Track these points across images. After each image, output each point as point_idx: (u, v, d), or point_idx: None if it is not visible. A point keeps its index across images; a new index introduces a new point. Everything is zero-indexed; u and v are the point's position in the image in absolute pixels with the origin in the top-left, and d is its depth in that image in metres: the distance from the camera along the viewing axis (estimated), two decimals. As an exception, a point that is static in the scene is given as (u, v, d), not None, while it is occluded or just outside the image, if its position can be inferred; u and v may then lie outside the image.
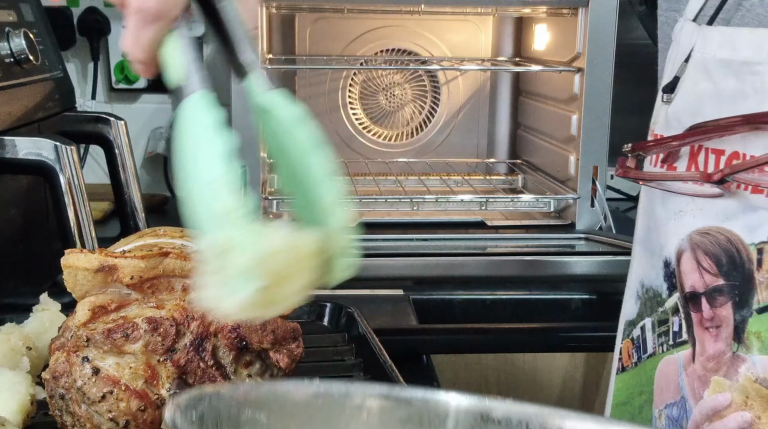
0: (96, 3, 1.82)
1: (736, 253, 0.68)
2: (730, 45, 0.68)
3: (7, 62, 1.15)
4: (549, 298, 1.40)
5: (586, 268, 1.40)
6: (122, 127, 1.31)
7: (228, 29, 0.58)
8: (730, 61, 0.68)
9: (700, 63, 0.71)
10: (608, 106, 1.51)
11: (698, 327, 0.71)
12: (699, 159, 0.70)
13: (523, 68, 1.76)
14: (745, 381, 0.67)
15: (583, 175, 1.53)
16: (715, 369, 0.70)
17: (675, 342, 0.74)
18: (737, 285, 0.68)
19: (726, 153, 0.68)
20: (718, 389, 0.69)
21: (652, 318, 0.77)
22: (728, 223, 0.68)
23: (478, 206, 1.63)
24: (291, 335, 0.74)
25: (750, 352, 0.67)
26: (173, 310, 0.68)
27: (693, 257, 0.71)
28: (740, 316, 0.67)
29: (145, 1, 0.53)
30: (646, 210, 0.80)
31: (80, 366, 0.67)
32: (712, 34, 0.70)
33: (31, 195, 1.22)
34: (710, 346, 0.70)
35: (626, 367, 0.81)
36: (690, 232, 0.72)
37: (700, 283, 0.71)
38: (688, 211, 0.72)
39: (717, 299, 0.69)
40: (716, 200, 0.69)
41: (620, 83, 1.52)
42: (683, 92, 0.73)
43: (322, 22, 1.81)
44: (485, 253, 1.45)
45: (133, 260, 0.69)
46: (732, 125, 0.66)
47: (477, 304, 1.37)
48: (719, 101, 0.69)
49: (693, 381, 0.72)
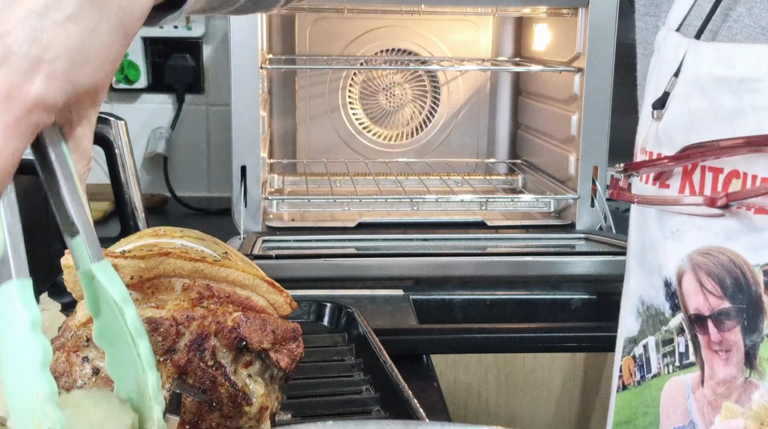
0: (96, 3, 1.81)
1: (741, 274, 0.65)
2: (726, 62, 0.66)
3: (7, 62, 1.15)
4: (549, 298, 1.40)
5: (586, 268, 1.40)
6: (122, 127, 1.31)
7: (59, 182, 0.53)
8: (727, 79, 0.66)
9: (693, 79, 0.69)
10: (608, 106, 1.51)
11: (706, 349, 0.69)
12: (694, 177, 0.68)
13: (523, 68, 1.76)
14: (759, 408, 0.65)
15: (583, 175, 1.54)
16: (726, 394, 0.67)
17: (682, 363, 0.72)
18: (744, 308, 0.65)
19: (725, 172, 0.66)
20: (729, 415, 0.67)
21: (656, 337, 0.75)
22: (730, 244, 0.66)
23: (478, 206, 1.63)
24: (291, 335, 0.73)
25: (763, 378, 0.65)
26: (173, 310, 0.68)
27: (695, 279, 0.69)
28: (750, 341, 0.65)
29: None
30: (639, 227, 0.77)
31: (80, 366, 0.67)
32: (705, 50, 0.68)
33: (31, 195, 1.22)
34: (720, 371, 0.68)
35: (627, 385, 0.79)
36: (690, 252, 0.69)
37: (704, 306, 0.68)
38: (686, 231, 0.70)
39: (725, 323, 0.67)
40: (716, 220, 0.67)
41: (620, 83, 1.52)
42: (674, 109, 0.70)
43: (322, 22, 1.81)
44: (485, 253, 1.45)
45: (133, 260, 0.68)
46: (733, 147, 0.64)
47: (477, 304, 1.37)
48: (716, 119, 0.67)
49: (702, 405, 0.70)
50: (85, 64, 0.49)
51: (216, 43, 1.89)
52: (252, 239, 1.43)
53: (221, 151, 1.89)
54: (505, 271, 1.39)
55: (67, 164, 0.53)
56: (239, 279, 0.72)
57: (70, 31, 0.48)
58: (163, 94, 1.90)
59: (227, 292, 0.71)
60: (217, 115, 1.92)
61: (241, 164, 1.46)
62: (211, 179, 1.95)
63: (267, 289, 0.73)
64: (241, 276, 0.72)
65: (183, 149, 1.93)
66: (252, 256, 1.33)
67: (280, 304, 0.74)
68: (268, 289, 0.73)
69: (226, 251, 0.77)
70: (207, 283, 0.70)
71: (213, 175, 1.95)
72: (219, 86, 1.89)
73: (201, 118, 1.93)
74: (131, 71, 1.85)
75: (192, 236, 0.77)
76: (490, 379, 1.28)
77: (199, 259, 0.70)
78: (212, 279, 0.71)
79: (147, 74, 1.87)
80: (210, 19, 1.87)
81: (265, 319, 0.71)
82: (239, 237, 1.45)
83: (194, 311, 0.68)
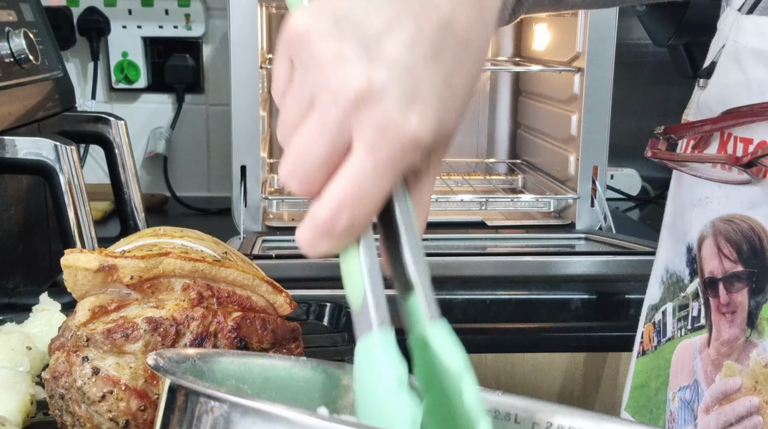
0: (96, 3, 1.82)
1: (758, 241, 0.68)
2: (763, 35, 0.68)
3: (7, 62, 1.15)
4: (549, 298, 1.39)
5: (586, 268, 1.40)
6: (122, 127, 1.31)
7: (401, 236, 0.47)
8: (762, 51, 0.67)
9: (732, 52, 0.70)
10: (608, 106, 1.51)
11: (715, 312, 0.72)
12: (728, 146, 0.70)
13: (523, 68, 1.76)
14: (755, 366, 0.67)
15: (583, 175, 1.54)
16: (728, 354, 0.70)
17: (693, 326, 0.74)
18: (755, 272, 0.68)
19: (754, 142, 0.68)
20: (729, 373, 0.70)
21: (674, 303, 0.77)
22: (752, 212, 0.68)
23: (478, 206, 1.63)
24: (291, 335, 0.74)
25: (762, 337, 0.67)
26: (173, 310, 0.68)
27: (714, 243, 0.71)
28: (755, 301, 0.68)
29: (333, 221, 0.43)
30: (674, 196, 0.80)
31: (80, 366, 0.67)
32: (746, 23, 0.70)
33: (31, 195, 1.22)
34: (725, 331, 0.70)
35: (647, 350, 0.81)
36: (714, 218, 0.72)
37: (719, 269, 0.71)
38: (714, 198, 0.72)
39: (734, 285, 0.69)
40: (742, 188, 0.69)
41: (620, 83, 1.53)
42: (715, 80, 0.72)
43: (322, 22, 1.81)
44: (485, 253, 1.45)
45: (133, 260, 0.68)
46: (766, 110, 0.66)
47: (477, 304, 1.37)
48: (749, 91, 0.68)
49: (707, 365, 0.72)
50: (450, 102, 0.45)
51: (216, 43, 1.89)
52: (252, 239, 1.43)
53: (221, 151, 1.89)
54: (505, 271, 1.39)
55: (411, 217, 0.48)
56: (239, 279, 0.72)
57: (437, 67, 0.45)
58: (163, 94, 1.90)
59: (227, 292, 0.71)
60: (217, 115, 1.92)
61: (241, 164, 1.46)
62: (211, 179, 1.95)
63: (267, 289, 0.73)
64: (241, 276, 0.72)
65: (183, 149, 1.93)
66: (252, 256, 1.33)
67: (280, 304, 0.74)
68: (268, 289, 0.73)
69: (226, 251, 0.77)
70: (207, 283, 0.70)
71: (213, 175, 1.95)
72: (219, 86, 1.89)
73: (201, 118, 1.93)
74: (131, 71, 1.85)
75: (192, 236, 0.77)
76: (490, 379, 1.28)
77: (199, 259, 0.70)
78: (212, 279, 0.71)
79: (147, 74, 1.87)
80: (210, 19, 1.87)
81: (265, 319, 0.71)
82: (239, 237, 1.45)
83: (194, 311, 0.69)
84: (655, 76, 1.89)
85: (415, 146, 0.44)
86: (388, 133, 0.43)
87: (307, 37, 0.44)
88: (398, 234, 0.47)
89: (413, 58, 0.44)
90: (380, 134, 0.43)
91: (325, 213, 0.44)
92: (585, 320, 1.39)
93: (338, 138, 0.43)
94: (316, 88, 0.44)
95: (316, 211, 0.44)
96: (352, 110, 0.43)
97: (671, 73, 1.67)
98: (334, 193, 0.43)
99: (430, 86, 0.44)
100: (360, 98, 0.43)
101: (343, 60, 0.43)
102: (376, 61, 0.43)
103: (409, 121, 0.43)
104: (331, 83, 0.43)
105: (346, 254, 0.45)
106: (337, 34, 0.44)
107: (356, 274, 0.45)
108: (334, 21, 0.44)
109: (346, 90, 0.43)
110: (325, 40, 0.44)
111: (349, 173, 0.43)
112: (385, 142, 0.43)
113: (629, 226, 1.59)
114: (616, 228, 1.51)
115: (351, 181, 0.43)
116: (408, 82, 0.44)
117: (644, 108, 1.90)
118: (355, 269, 0.45)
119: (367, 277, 0.45)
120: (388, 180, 0.44)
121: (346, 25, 0.44)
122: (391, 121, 0.43)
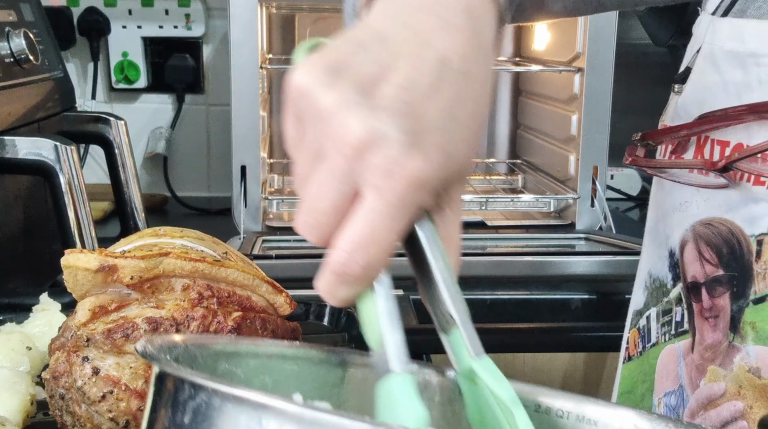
0: (96, 3, 1.82)
1: (737, 244, 0.68)
2: (739, 37, 0.68)
3: (7, 62, 1.15)
4: (549, 298, 1.40)
5: (586, 268, 1.40)
6: (122, 127, 1.31)
7: (435, 274, 0.49)
8: (737, 53, 0.68)
9: (709, 54, 0.71)
10: (608, 106, 1.51)
11: (698, 317, 0.72)
12: (705, 150, 0.71)
13: (523, 68, 1.76)
14: (739, 370, 0.67)
15: (583, 175, 1.54)
16: (711, 358, 0.70)
17: (677, 332, 0.75)
18: (736, 276, 0.68)
19: (731, 144, 0.68)
20: (713, 378, 0.70)
21: (657, 308, 0.78)
22: (730, 215, 0.69)
23: (479, 206, 1.63)
24: (291, 335, 0.74)
25: (745, 342, 0.67)
26: (173, 310, 0.68)
27: (695, 248, 0.72)
28: (737, 306, 0.68)
29: (349, 264, 0.44)
30: (656, 200, 0.80)
31: (80, 366, 0.67)
32: (722, 25, 0.70)
33: (31, 195, 1.22)
34: (708, 336, 0.70)
35: (632, 356, 0.82)
36: (694, 222, 0.72)
37: (700, 274, 0.71)
38: (693, 202, 0.72)
39: (716, 289, 0.70)
40: (720, 191, 0.69)
41: (620, 83, 1.53)
42: (692, 84, 0.73)
43: (322, 22, 1.81)
44: (485, 253, 1.45)
45: (133, 260, 0.69)
46: (738, 114, 0.66)
47: (477, 304, 1.37)
48: (726, 93, 0.69)
49: (691, 370, 0.72)
50: (456, 135, 0.46)
51: (216, 43, 1.89)
52: (252, 239, 1.43)
53: (221, 151, 1.89)
54: (505, 271, 1.39)
55: (441, 254, 0.49)
56: (239, 279, 0.72)
57: (438, 103, 0.46)
58: (163, 94, 1.90)
59: (227, 292, 0.71)
60: (217, 115, 1.92)
61: (241, 164, 1.46)
62: (211, 179, 1.95)
63: (267, 289, 0.73)
64: (241, 276, 0.72)
65: (183, 149, 1.93)
66: (252, 256, 1.33)
67: (280, 304, 0.74)
68: (268, 289, 0.73)
69: (226, 251, 0.77)
70: (207, 283, 0.71)
71: (213, 175, 1.95)
72: (219, 86, 1.89)
73: (201, 118, 1.93)
74: (131, 71, 1.85)
75: (192, 236, 0.77)
76: (490, 379, 1.28)
77: (199, 259, 0.70)
78: (212, 279, 0.71)
79: (147, 74, 1.87)
80: (210, 19, 1.87)
81: (265, 319, 0.71)
82: (239, 237, 1.45)
83: (194, 311, 0.69)
84: (655, 76, 1.89)
85: (422, 184, 0.44)
86: (394, 175, 0.43)
87: (307, 92, 0.45)
88: (431, 272, 0.48)
89: (411, 97, 0.45)
90: (386, 177, 0.43)
91: (340, 256, 0.44)
92: (585, 320, 1.39)
93: (347, 186, 0.44)
94: (322, 139, 0.45)
95: (331, 257, 0.45)
96: (356, 157, 0.44)
97: (671, 73, 1.67)
98: (347, 236, 0.44)
99: (432, 123, 0.45)
100: (362, 145, 0.43)
101: (343, 109, 0.44)
102: (374, 106, 0.44)
103: (413, 160, 0.44)
104: (334, 133, 0.44)
105: (362, 298, 0.46)
106: (335, 84, 0.45)
107: (372, 320, 0.46)
108: (330, 72, 0.45)
109: (348, 138, 0.44)
110: (324, 92, 0.45)
111: (361, 216, 0.44)
112: (393, 183, 0.44)
113: (629, 226, 1.59)
114: (616, 228, 1.51)
115: (363, 223, 0.44)
116: (408, 122, 0.44)
117: (644, 108, 1.89)
118: (372, 313, 0.46)
119: (386, 320, 0.46)
120: (399, 219, 0.44)
121: (343, 74, 0.45)
122: (396, 163, 0.43)
